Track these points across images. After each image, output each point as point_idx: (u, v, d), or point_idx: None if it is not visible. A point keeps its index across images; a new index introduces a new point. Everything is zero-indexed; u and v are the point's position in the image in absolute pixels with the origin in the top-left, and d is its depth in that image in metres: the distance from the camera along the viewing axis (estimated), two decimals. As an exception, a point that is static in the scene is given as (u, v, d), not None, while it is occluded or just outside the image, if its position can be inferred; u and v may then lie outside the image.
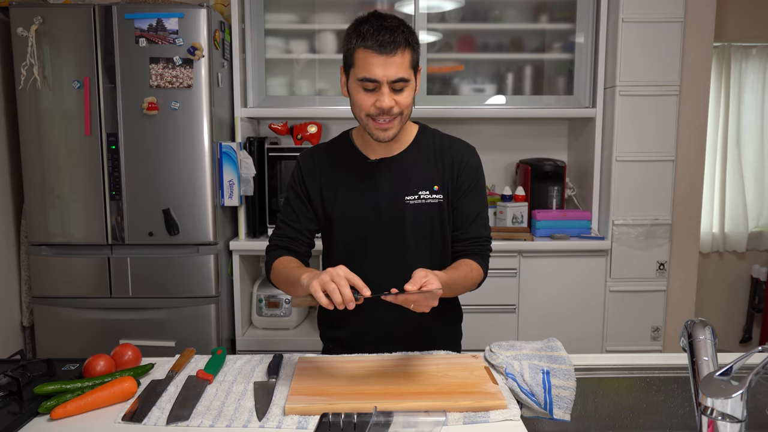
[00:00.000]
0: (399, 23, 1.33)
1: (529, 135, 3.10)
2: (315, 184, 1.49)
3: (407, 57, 1.33)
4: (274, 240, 1.51)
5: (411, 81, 1.35)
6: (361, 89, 1.34)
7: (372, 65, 1.30)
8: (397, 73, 1.31)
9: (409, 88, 1.35)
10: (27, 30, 2.34)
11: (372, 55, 1.30)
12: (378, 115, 1.35)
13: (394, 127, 1.37)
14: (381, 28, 1.30)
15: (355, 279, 1.14)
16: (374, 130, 1.38)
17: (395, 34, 1.30)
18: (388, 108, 1.33)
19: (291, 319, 2.75)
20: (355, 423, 1.05)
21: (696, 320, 1.01)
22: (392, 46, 1.29)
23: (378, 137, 1.38)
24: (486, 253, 1.50)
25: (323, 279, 1.13)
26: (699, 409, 0.88)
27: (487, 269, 1.50)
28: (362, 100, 1.35)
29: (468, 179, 1.47)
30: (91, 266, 2.47)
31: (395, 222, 1.45)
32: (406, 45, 1.32)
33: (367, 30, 1.30)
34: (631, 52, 2.62)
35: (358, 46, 1.32)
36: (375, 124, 1.36)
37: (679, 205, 2.74)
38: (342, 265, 1.17)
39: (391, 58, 1.30)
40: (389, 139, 1.39)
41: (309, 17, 2.82)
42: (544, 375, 1.21)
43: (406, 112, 1.38)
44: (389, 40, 1.29)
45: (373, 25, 1.31)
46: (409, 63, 1.34)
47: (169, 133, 2.41)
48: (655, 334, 2.75)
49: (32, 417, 1.12)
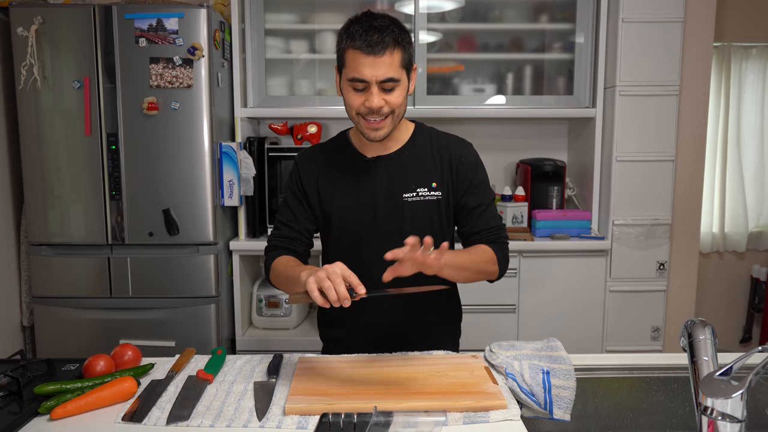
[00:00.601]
0: (390, 23, 1.33)
1: (529, 135, 3.09)
2: (312, 184, 1.49)
3: (397, 57, 1.33)
4: (272, 240, 1.51)
5: (402, 80, 1.35)
6: (351, 89, 1.35)
7: (361, 65, 1.31)
8: (386, 73, 1.31)
9: (400, 88, 1.35)
10: (27, 30, 2.35)
11: (360, 56, 1.30)
12: (368, 114, 1.35)
13: (385, 127, 1.37)
14: (370, 28, 1.30)
15: (351, 277, 1.14)
16: (365, 129, 1.38)
17: (384, 34, 1.30)
18: (377, 108, 1.33)
19: (291, 319, 2.75)
20: (355, 423, 1.05)
21: (696, 320, 1.01)
22: (380, 46, 1.29)
23: (369, 136, 1.39)
24: (501, 240, 1.48)
25: (319, 276, 1.13)
26: (699, 409, 0.88)
27: (504, 255, 1.46)
28: (352, 100, 1.36)
29: (469, 175, 1.47)
30: (91, 266, 2.47)
31: (393, 220, 1.45)
32: (396, 45, 1.32)
33: (357, 30, 1.31)
34: (631, 52, 2.62)
35: (348, 47, 1.33)
36: (366, 123, 1.37)
37: (679, 205, 2.74)
38: (339, 261, 1.17)
39: (380, 58, 1.30)
40: (380, 138, 1.39)
41: (309, 17, 2.82)
42: (544, 375, 1.21)
43: (398, 111, 1.37)
44: (377, 41, 1.29)
45: (363, 26, 1.31)
46: (399, 62, 1.33)
47: (169, 133, 2.41)
48: (655, 334, 2.75)
49: (32, 417, 1.12)
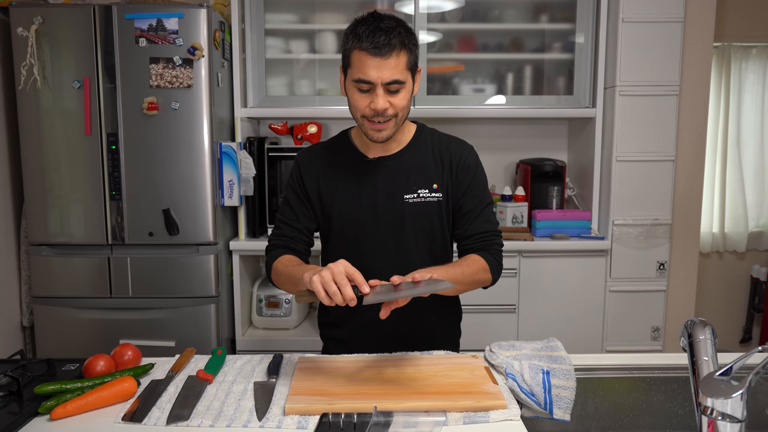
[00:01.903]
0: (396, 24, 1.33)
1: (529, 135, 3.10)
2: (313, 183, 1.49)
3: (403, 59, 1.32)
4: (273, 240, 1.51)
5: (407, 83, 1.35)
6: (357, 90, 1.35)
7: (367, 67, 1.31)
8: (392, 75, 1.31)
9: (404, 90, 1.35)
10: (27, 30, 2.34)
11: (367, 57, 1.30)
12: (373, 116, 1.35)
13: (388, 128, 1.37)
14: (377, 29, 1.30)
15: (355, 274, 1.14)
16: (369, 131, 1.38)
17: (391, 35, 1.30)
18: (382, 110, 1.33)
19: (291, 319, 2.75)
20: (355, 423, 1.04)
21: (696, 320, 1.01)
22: (387, 48, 1.29)
23: (373, 138, 1.39)
24: (494, 247, 1.48)
25: (324, 277, 1.13)
26: (699, 409, 0.88)
27: (497, 262, 1.47)
28: (357, 101, 1.36)
29: (467, 177, 1.47)
30: (91, 266, 2.47)
31: (394, 220, 1.45)
32: (402, 47, 1.32)
33: (363, 31, 1.31)
34: (631, 52, 2.62)
35: (354, 47, 1.32)
36: (370, 124, 1.37)
37: (679, 205, 2.74)
38: (342, 259, 1.17)
39: (386, 60, 1.30)
40: (384, 139, 1.39)
41: (309, 17, 2.82)
42: (544, 375, 1.21)
43: (402, 113, 1.38)
44: (384, 42, 1.29)
45: (370, 27, 1.31)
46: (405, 65, 1.33)
47: (169, 133, 2.41)
48: (655, 334, 2.75)
49: (32, 417, 1.12)
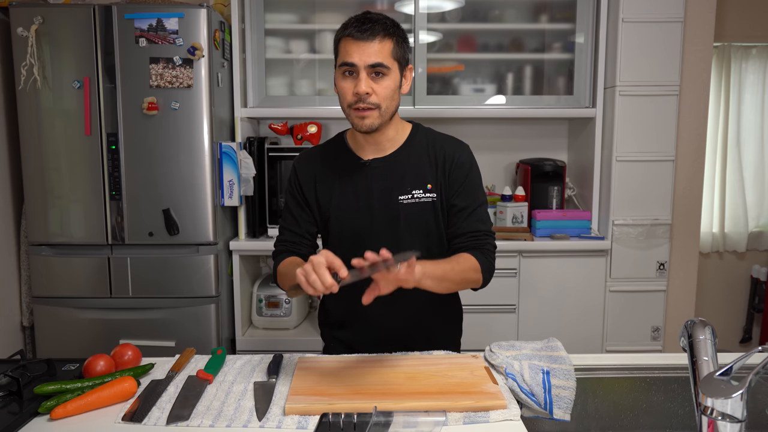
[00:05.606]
0: (384, 18, 1.38)
1: (529, 135, 3.09)
2: (310, 187, 1.50)
3: (387, 45, 1.35)
4: (277, 246, 1.54)
5: (392, 71, 1.36)
6: (342, 76, 1.37)
7: (350, 50, 1.34)
8: (375, 58, 1.33)
9: (389, 79, 1.36)
10: (27, 30, 2.34)
11: (351, 42, 1.34)
12: (356, 102, 1.35)
13: (372, 117, 1.37)
14: (364, 19, 1.36)
15: (334, 261, 1.14)
16: (354, 119, 1.38)
17: (375, 23, 1.35)
18: (364, 93, 1.34)
19: (291, 319, 2.75)
20: (355, 423, 1.04)
21: (696, 320, 1.01)
22: (370, 32, 1.33)
23: (357, 126, 1.39)
24: (485, 247, 1.45)
25: (306, 269, 1.14)
26: (699, 409, 0.88)
27: (489, 263, 1.44)
28: (343, 88, 1.37)
29: (460, 176, 1.46)
30: (91, 266, 2.47)
31: (390, 222, 1.45)
32: (386, 34, 1.35)
33: (350, 21, 1.37)
34: (631, 52, 2.62)
35: (341, 36, 1.37)
36: (355, 112, 1.37)
37: (679, 205, 2.74)
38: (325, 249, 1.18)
39: (369, 43, 1.33)
40: (368, 128, 1.38)
41: (309, 17, 2.82)
42: (544, 375, 1.21)
43: (385, 105, 1.37)
44: (368, 28, 1.34)
45: (358, 18, 1.37)
46: (390, 52, 1.35)
47: (169, 133, 2.41)
48: (655, 334, 2.75)
49: (32, 417, 1.12)
